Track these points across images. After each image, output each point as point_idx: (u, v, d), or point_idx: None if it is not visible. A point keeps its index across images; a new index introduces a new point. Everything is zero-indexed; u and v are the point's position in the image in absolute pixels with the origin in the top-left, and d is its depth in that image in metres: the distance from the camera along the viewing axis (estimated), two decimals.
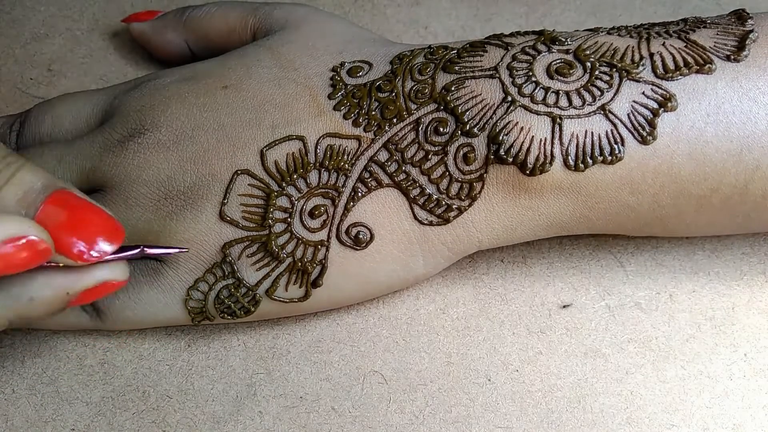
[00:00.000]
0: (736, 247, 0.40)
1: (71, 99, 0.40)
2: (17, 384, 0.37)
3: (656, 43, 0.34)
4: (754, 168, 0.33)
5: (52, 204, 0.29)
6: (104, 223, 0.30)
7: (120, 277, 0.31)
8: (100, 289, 0.31)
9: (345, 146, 0.35)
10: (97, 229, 0.29)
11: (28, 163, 0.29)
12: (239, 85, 0.37)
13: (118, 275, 0.31)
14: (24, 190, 0.28)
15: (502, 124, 0.33)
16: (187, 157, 0.35)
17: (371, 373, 0.37)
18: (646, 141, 0.33)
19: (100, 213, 0.30)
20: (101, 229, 0.30)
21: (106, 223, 0.30)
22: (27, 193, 0.29)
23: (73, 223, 0.29)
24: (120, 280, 0.31)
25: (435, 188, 0.34)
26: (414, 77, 0.36)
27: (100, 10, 0.49)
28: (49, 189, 0.29)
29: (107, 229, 0.30)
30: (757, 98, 0.33)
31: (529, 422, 0.35)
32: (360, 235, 0.35)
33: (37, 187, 0.29)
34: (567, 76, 0.34)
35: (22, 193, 0.28)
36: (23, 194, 0.28)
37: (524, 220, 0.35)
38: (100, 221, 0.30)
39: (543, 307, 0.38)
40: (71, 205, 0.29)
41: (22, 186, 0.28)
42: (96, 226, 0.30)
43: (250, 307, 0.35)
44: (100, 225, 0.30)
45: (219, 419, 0.36)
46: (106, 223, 0.30)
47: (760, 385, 0.36)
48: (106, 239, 0.30)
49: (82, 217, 0.29)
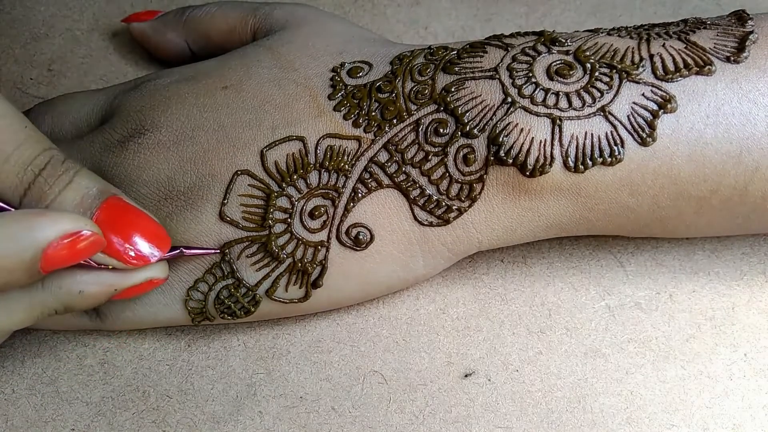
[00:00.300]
0: (736, 247, 0.40)
1: (71, 99, 0.40)
2: (17, 384, 0.37)
3: (656, 44, 0.34)
4: (753, 169, 0.33)
5: (106, 209, 0.31)
6: (153, 229, 0.32)
7: (162, 276, 0.33)
8: (144, 285, 0.33)
9: (345, 147, 0.35)
10: (146, 234, 0.32)
11: (84, 169, 0.32)
12: (239, 85, 0.37)
13: (160, 273, 0.33)
14: (81, 194, 0.31)
15: (502, 126, 0.33)
16: (187, 158, 0.35)
17: (371, 373, 0.37)
18: (645, 142, 0.33)
19: (149, 220, 0.33)
20: (150, 235, 0.32)
21: (155, 229, 0.33)
22: (84, 198, 0.31)
23: (125, 227, 0.32)
24: (162, 278, 0.33)
25: (435, 189, 0.34)
26: (414, 78, 0.36)
27: (100, 10, 0.49)
28: (105, 194, 0.32)
29: (155, 235, 0.32)
30: (757, 100, 0.33)
31: (529, 422, 0.35)
32: (360, 235, 0.35)
33: (93, 192, 0.31)
34: (567, 78, 0.34)
35: (80, 197, 0.31)
36: (81, 199, 0.31)
37: (524, 221, 0.35)
38: (149, 227, 0.32)
39: (543, 307, 0.38)
40: (123, 211, 0.32)
41: (79, 191, 0.31)
42: (145, 231, 0.32)
43: (250, 308, 0.35)
44: (149, 231, 0.32)
45: (219, 419, 0.36)
46: (155, 230, 0.33)
47: (760, 385, 0.36)
48: (155, 245, 0.32)
49: (133, 222, 0.32)
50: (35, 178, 0.30)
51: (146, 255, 0.32)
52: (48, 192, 0.30)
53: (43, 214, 0.29)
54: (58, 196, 0.31)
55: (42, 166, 0.30)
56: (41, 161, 0.31)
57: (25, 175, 0.30)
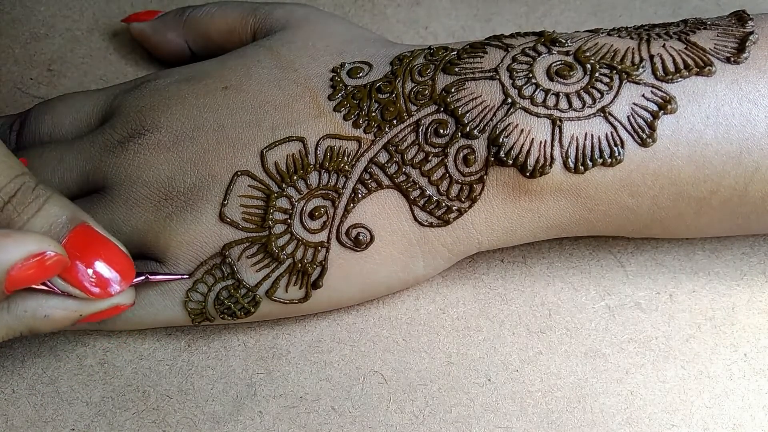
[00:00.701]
0: (736, 247, 0.40)
1: (71, 99, 0.40)
2: (17, 384, 0.37)
3: (656, 44, 0.34)
4: (753, 170, 0.33)
5: (74, 236, 0.31)
6: (119, 258, 0.32)
7: (127, 302, 0.33)
8: (109, 311, 0.33)
9: (345, 147, 0.35)
10: (111, 263, 0.32)
11: (55, 195, 0.31)
12: (239, 85, 0.37)
13: (126, 300, 0.33)
14: (50, 222, 0.31)
15: (502, 126, 0.33)
16: (187, 158, 0.35)
17: (371, 373, 0.37)
18: (645, 143, 0.33)
19: (116, 249, 0.32)
20: (115, 264, 0.32)
21: (121, 259, 0.32)
22: (53, 226, 0.31)
23: (91, 255, 0.32)
24: (127, 304, 0.33)
25: (435, 190, 0.34)
26: (414, 78, 0.36)
27: (100, 10, 0.49)
28: (74, 222, 0.31)
29: (121, 265, 0.32)
30: (757, 101, 0.33)
31: (529, 422, 0.35)
32: (360, 236, 0.35)
33: (62, 221, 0.31)
34: (567, 78, 0.34)
35: (48, 225, 0.31)
36: (49, 227, 0.31)
37: (524, 222, 0.35)
38: (115, 257, 0.32)
39: (543, 307, 0.38)
40: (91, 239, 0.32)
41: (48, 218, 0.31)
42: (111, 260, 0.32)
43: (250, 308, 0.35)
44: (114, 260, 0.32)
45: (219, 419, 0.36)
46: (121, 259, 0.32)
47: (760, 385, 0.36)
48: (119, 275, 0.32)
49: (99, 251, 0.32)
50: (4, 205, 0.30)
51: (109, 288, 0.32)
52: (16, 219, 0.30)
53: (7, 236, 0.29)
54: (26, 223, 0.30)
55: (12, 193, 0.30)
56: (11, 188, 0.30)
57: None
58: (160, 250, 0.35)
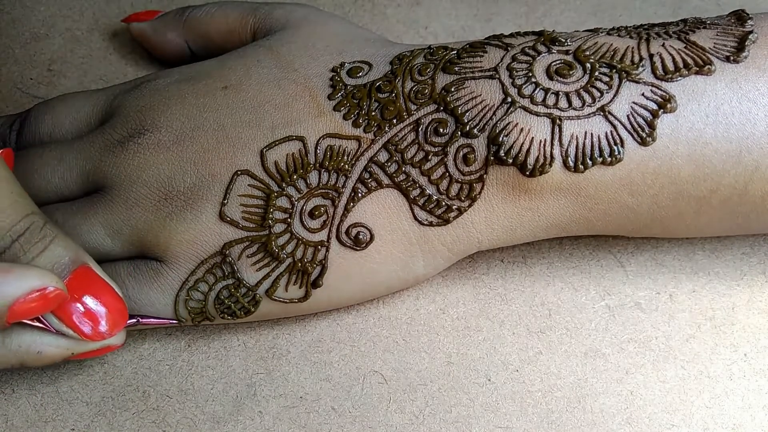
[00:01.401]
0: (736, 247, 0.40)
1: (71, 99, 0.40)
2: (17, 384, 0.37)
3: (656, 44, 0.34)
4: (753, 169, 0.33)
5: (74, 278, 0.32)
6: (114, 303, 0.33)
7: (118, 342, 0.34)
8: (100, 350, 0.34)
9: (345, 147, 0.35)
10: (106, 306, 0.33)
11: (60, 235, 0.32)
12: (239, 85, 0.37)
13: (117, 341, 0.34)
14: (53, 263, 0.32)
15: (502, 125, 0.33)
16: (187, 158, 0.35)
17: (371, 373, 0.37)
18: (645, 142, 0.33)
19: (112, 293, 0.33)
20: (111, 309, 0.33)
21: (116, 303, 0.33)
22: (55, 267, 0.32)
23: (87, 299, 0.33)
24: (118, 345, 0.34)
25: (435, 189, 0.34)
26: (414, 78, 0.36)
27: (100, 10, 0.49)
28: (76, 264, 0.32)
29: (116, 310, 0.33)
30: (757, 99, 0.33)
31: (529, 422, 0.35)
32: (360, 235, 0.35)
33: (65, 261, 0.32)
34: (567, 77, 0.34)
35: (51, 266, 0.32)
36: (52, 266, 0.32)
37: (524, 221, 0.35)
38: (111, 301, 0.33)
39: (543, 307, 0.38)
40: (90, 281, 0.33)
41: (52, 258, 0.32)
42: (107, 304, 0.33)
43: (250, 308, 0.35)
44: (110, 304, 0.33)
45: (219, 419, 0.36)
46: (116, 304, 0.33)
47: (760, 385, 0.36)
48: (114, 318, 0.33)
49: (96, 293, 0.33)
50: (12, 243, 0.31)
51: (102, 332, 0.33)
52: (22, 258, 0.31)
53: (10, 271, 0.30)
54: (30, 262, 0.31)
55: (21, 232, 0.31)
56: (20, 228, 0.31)
57: (2, 240, 0.31)
58: (161, 250, 0.35)
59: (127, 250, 0.36)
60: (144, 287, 0.35)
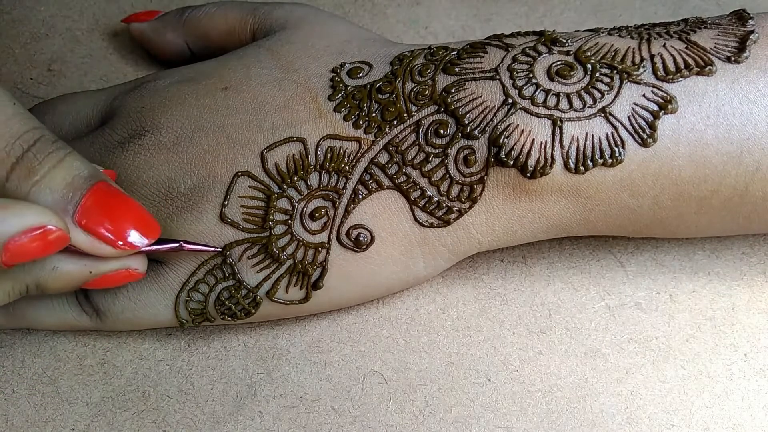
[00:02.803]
0: (736, 247, 0.40)
1: (71, 99, 0.40)
2: (17, 384, 0.37)
3: (657, 44, 0.34)
4: (754, 170, 0.33)
5: (96, 192, 0.30)
6: (142, 216, 0.32)
7: (140, 268, 0.33)
8: (121, 275, 0.32)
9: (345, 148, 0.35)
10: (134, 221, 0.31)
11: (75, 152, 0.31)
12: (239, 86, 0.37)
13: (139, 266, 0.33)
14: (72, 174, 0.30)
15: (503, 127, 0.33)
16: (188, 159, 0.35)
17: (371, 373, 0.37)
18: (646, 143, 0.33)
19: (138, 207, 0.32)
20: (138, 223, 0.31)
21: (144, 216, 0.32)
22: (75, 178, 0.30)
23: (113, 213, 0.31)
24: (140, 271, 0.33)
25: (435, 190, 0.34)
26: (414, 79, 0.36)
27: (100, 10, 0.49)
28: (95, 179, 0.31)
29: (143, 223, 0.32)
30: (758, 100, 0.33)
31: (529, 422, 0.35)
32: (360, 237, 0.35)
33: (83, 174, 0.30)
34: (567, 78, 0.34)
35: (71, 177, 0.30)
36: (71, 179, 0.30)
37: (525, 223, 0.35)
38: (137, 215, 0.31)
39: (543, 307, 0.38)
40: (113, 196, 0.31)
41: (70, 171, 0.30)
42: (133, 218, 0.31)
43: (250, 309, 0.35)
44: (137, 218, 0.31)
45: (219, 419, 0.36)
46: (144, 217, 0.32)
47: (760, 385, 0.36)
48: (142, 233, 0.31)
49: (122, 208, 0.31)
50: (24, 153, 0.29)
51: (136, 242, 0.31)
52: (37, 167, 0.29)
53: (5, 207, 0.28)
54: (48, 173, 0.30)
55: (31, 142, 0.29)
56: (30, 137, 0.30)
57: (13, 149, 0.29)
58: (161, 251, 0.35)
59: None
60: (144, 288, 0.35)
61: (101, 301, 0.36)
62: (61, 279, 0.31)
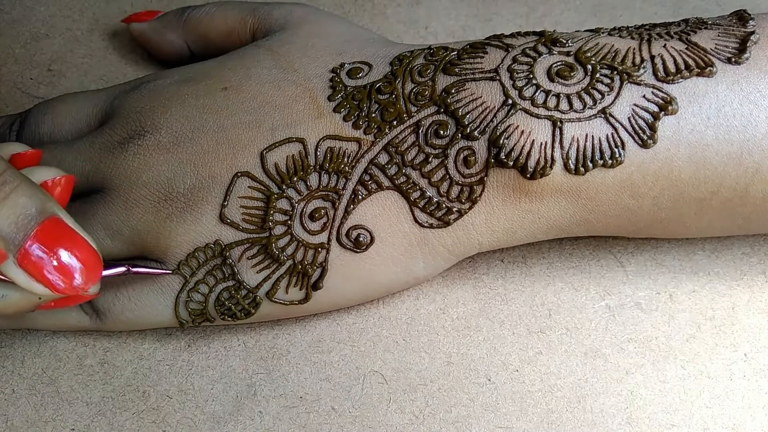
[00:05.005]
0: (736, 247, 0.40)
1: (71, 99, 0.40)
2: (17, 384, 0.37)
3: (657, 45, 0.34)
4: (754, 171, 0.33)
5: (43, 230, 0.29)
6: (88, 256, 0.30)
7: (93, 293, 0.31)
8: (72, 299, 0.31)
9: (345, 149, 0.35)
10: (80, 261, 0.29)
11: (25, 184, 0.29)
12: (239, 86, 0.37)
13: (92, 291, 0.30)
14: (17, 214, 0.28)
15: (503, 128, 0.33)
16: (187, 159, 0.35)
17: (371, 373, 0.37)
18: (646, 144, 0.33)
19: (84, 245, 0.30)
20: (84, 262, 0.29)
21: (90, 255, 0.30)
22: (20, 218, 0.28)
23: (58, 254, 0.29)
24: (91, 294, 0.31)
25: (435, 191, 0.34)
26: (414, 79, 0.35)
27: (100, 10, 0.49)
28: (43, 215, 0.29)
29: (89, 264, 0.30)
30: (758, 101, 0.33)
31: (529, 422, 0.36)
32: (360, 237, 0.35)
33: (31, 213, 0.29)
34: (568, 79, 0.34)
35: (16, 216, 0.28)
36: (17, 218, 0.28)
37: (524, 223, 0.35)
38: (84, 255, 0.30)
39: (543, 307, 0.38)
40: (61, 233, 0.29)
41: (16, 210, 0.28)
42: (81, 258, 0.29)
43: (250, 309, 0.35)
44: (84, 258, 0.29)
45: (219, 419, 0.36)
46: (90, 255, 0.30)
47: (760, 385, 0.36)
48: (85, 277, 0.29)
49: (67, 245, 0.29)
50: None
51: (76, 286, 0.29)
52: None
53: None
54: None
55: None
56: None
57: None
58: (161, 251, 0.35)
59: (127, 251, 0.36)
60: (144, 288, 0.35)
61: (101, 302, 0.36)
62: (10, 306, 0.30)
